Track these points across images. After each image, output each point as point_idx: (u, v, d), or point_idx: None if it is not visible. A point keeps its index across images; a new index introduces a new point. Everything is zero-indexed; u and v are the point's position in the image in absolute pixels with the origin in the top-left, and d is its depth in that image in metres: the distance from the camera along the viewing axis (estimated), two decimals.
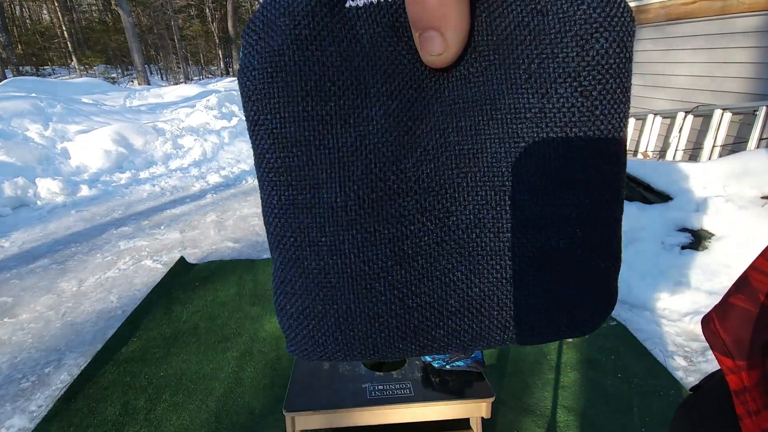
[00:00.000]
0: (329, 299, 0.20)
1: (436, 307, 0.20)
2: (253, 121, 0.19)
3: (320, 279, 0.20)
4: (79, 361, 1.97)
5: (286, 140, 0.18)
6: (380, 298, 0.20)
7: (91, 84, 10.82)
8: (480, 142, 0.18)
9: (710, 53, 4.08)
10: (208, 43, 24.64)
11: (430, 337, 0.20)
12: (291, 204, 0.19)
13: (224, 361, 1.93)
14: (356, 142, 0.18)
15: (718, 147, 3.74)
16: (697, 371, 1.84)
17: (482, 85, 0.18)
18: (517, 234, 0.18)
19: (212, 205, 4.01)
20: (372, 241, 0.19)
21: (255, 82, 0.18)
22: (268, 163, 0.19)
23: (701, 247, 2.51)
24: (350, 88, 0.18)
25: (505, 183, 0.18)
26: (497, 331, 0.20)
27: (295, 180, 0.19)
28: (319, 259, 0.19)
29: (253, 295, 2.47)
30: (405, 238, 0.19)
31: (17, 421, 1.65)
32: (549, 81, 0.17)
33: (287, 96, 0.18)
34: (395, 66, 0.18)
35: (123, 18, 13.62)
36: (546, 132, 0.17)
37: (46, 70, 21.02)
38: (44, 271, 2.83)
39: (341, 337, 0.20)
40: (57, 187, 4.18)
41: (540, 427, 1.56)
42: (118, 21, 17.67)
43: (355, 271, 0.19)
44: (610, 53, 0.16)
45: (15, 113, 5.47)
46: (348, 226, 0.19)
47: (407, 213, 0.19)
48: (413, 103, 0.18)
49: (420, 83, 0.18)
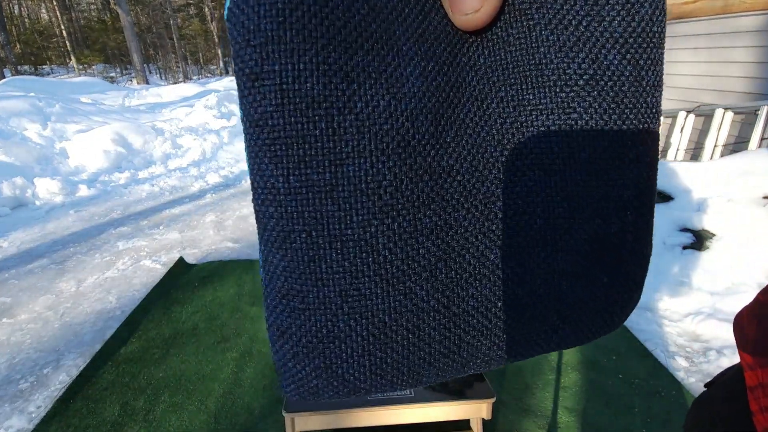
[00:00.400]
0: (357, 312, 0.15)
1: (483, 312, 0.17)
2: (253, 75, 0.14)
3: (345, 286, 0.15)
4: (78, 362, 1.96)
5: (300, 99, 0.14)
6: (422, 306, 0.16)
7: (90, 83, 10.80)
8: (525, 114, 0.16)
9: (712, 53, 4.07)
10: (207, 42, 24.63)
11: (474, 349, 0.17)
12: (304, 186, 0.14)
13: (223, 362, 1.92)
14: (390, 106, 0.15)
15: (719, 147, 3.74)
16: (698, 372, 1.84)
17: (525, 48, 0.15)
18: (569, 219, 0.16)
19: (211, 205, 4.00)
20: (412, 232, 0.15)
21: (258, 19, 0.13)
22: (272, 131, 0.14)
23: (703, 247, 2.50)
24: (380, 41, 0.14)
25: (555, 161, 0.16)
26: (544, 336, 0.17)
27: (310, 154, 0.14)
28: (344, 259, 0.15)
29: (252, 295, 2.46)
30: (450, 229, 0.16)
31: (16, 421, 1.64)
32: (599, 45, 0.15)
33: (304, 41, 0.13)
34: (426, 25, 0.15)
35: (122, 17, 13.61)
36: (599, 102, 0.15)
37: (44, 70, 21.00)
38: (43, 272, 2.82)
39: (369, 362, 0.16)
40: (55, 187, 4.17)
41: (541, 428, 1.55)
42: (117, 20, 17.67)
43: (392, 273, 0.15)
44: (654, 20, 0.15)
45: (13, 113, 5.46)
46: (382, 213, 0.15)
47: (451, 197, 0.16)
48: (450, 66, 0.15)
49: (452, 48, 0.16)
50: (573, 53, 0.15)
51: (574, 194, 0.16)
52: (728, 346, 1.95)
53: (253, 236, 3.31)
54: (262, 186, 0.15)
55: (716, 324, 2.05)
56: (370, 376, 0.16)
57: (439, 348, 0.16)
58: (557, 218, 0.16)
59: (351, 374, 0.16)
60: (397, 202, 0.15)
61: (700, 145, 3.96)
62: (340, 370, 0.16)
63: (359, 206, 0.15)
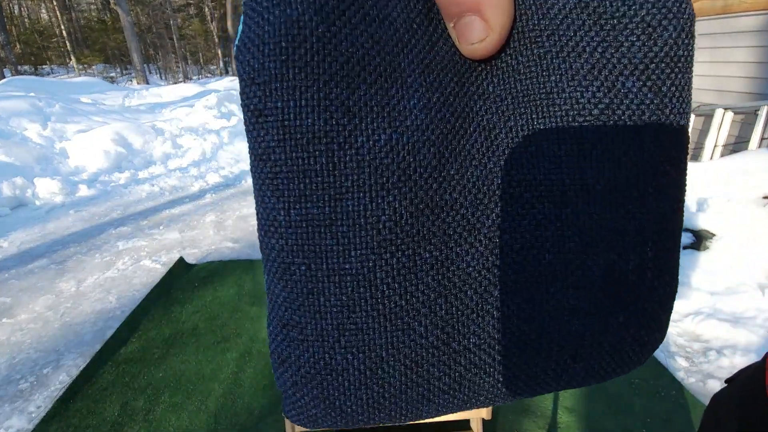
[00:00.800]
0: (354, 346, 0.15)
1: (486, 350, 0.16)
2: (257, 111, 0.14)
3: (342, 320, 0.15)
4: (78, 362, 1.96)
5: (301, 135, 0.14)
6: (420, 342, 0.16)
7: (90, 83, 10.80)
8: (535, 144, 0.15)
9: (712, 53, 4.07)
10: (207, 42, 24.63)
11: (476, 386, 0.17)
12: (304, 220, 0.15)
13: (223, 362, 1.92)
14: (391, 140, 0.14)
15: (719, 147, 3.74)
16: (698, 372, 1.84)
17: (536, 76, 0.15)
18: (582, 253, 0.15)
19: (211, 205, 4.00)
20: (411, 267, 0.15)
21: (264, 58, 0.14)
22: (275, 166, 0.14)
23: (702, 247, 2.50)
24: (383, 74, 0.14)
25: (567, 193, 0.15)
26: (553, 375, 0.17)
27: (310, 188, 0.14)
28: (342, 293, 0.15)
29: (252, 295, 2.46)
30: (451, 264, 0.16)
31: (16, 422, 1.64)
32: (615, 73, 0.14)
33: (306, 78, 0.14)
34: (433, 55, 0.15)
35: (122, 17, 13.60)
36: (615, 132, 0.14)
37: (44, 70, 21.00)
38: (43, 272, 2.82)
39: (366, 395, 0.16)
40: (56, 187, 4.17)
41: (541, 428, 1.55)
42: (117, 20, 17.67)
43: (390, 308, 0.15)
44: (679, 44, 0.14)
45: (13, 113, 5.46)
46: (381, 248, 0.15)
47: (453, 232, 0.15)
48: (456, 96, 0.15)
49: (460, 77, 0.15)
50: (587, 81, 0.15)
51: (588, 228, 0.15)
52: (728, 346, 1.95)
53: (253, 236, 3.31)
54: (265, 218, 0.15)
55: (716, 324, 2.05)
56: (368, 410, 0.16)
57: (438, 385, 0.16)
58: (568, 253, 0.16)
59: (348, 406, 0.16)
60: (396, 237, 0.15)
61: (700, 145, 3.96)
62: (337, 402, 0.16)
63: (358, 241, 0.15)
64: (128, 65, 21.71)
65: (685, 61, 0.14)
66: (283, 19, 0.14)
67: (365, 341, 0.15)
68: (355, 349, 0.16)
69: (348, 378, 0.16)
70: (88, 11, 26.98)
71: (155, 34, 21.80)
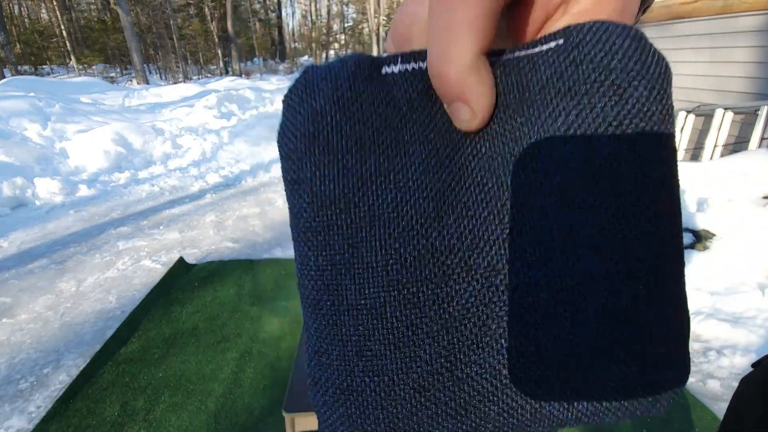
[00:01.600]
0: (370, 370, 0.18)
1: (488, 378, 0.18)
2: (293, 181, 0.19)
3: (360, 347, 0.18)
4: (78, 362, 1.96)
5: (325, 197, 0.18)
6: (426, 368, 0.18)
7: (90, 83, 10.81)
8: (524, 195, 0.17)
9: (712, 52, 4.07)
10: (208, 42, 24.62)
11: (483, 414, 0.18)
12: (329, 264, 0.18)
13: (223, 362, 1.92)
14: (396, 198, 0.18)
15: (719, 147, 3.74)
16: (698, 372, 1.84)
17: (519, 140, 0.17)
18: (574, 293, 0.17)
19: (211, 205, 4.00)
20: (416, 303, 0.18)
21: (296, 141, 0.18)
22: (306, 222, 0.18)
23: (702, 247, 2.50)
24: (389, 147, 0.18)
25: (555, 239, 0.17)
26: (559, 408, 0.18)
27: (333, 239, 0.18)
28: (359, 323, 0.18)
29: (252, 295, 2.46)
30: (451, 300, 0.18)
31: (16, 421, 1.64)
32: (590, 131, 0.16)
33: (328, 154, 0.18)
34: (432, 127, 0.19)
35: (122, 17, 13.60)
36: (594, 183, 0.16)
37: (44, 70, 20.99)
38: (43, 272, 2.82)
39: (383, 415, 0.18)
40: (55, 187, 4.17)
41: None
42: (117, 20, 17.65)
43: (398, 337, 0.18)
44: (651, 100, 0.15)
45: (13, 113, 5.46)
46: (389, 286, 0.18)
47: (452, 272, 0.18)
48: (452, 159, 0.18)
49: (457, 142, 0.19)
50: (563, 141, 0.16)
51: (577, 269, 0.16)
52: (728, 346, 1.95)
53: (252, 236, 3.31)
54: (300, 263, 0.19)
55: (716, 324, 2.05)
56: (385, 429, 0.19)
57: (445, 409, 0.18)
58: (560, 292, 0.17)
59: (368, 424, 0.19)
60: (402, 277, 0.18)
61: (700, 145, 3.96)
62: (359, 420, 0.19)
63: (371, 281, 0.18)
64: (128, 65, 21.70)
65: (660, 113, 0.16)
66: (310, 111, 0.18)
67: (379, 366, 0.18)
68: (371, 373, 0.18)
69: (366, 398, 0.19)
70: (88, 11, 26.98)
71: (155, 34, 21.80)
